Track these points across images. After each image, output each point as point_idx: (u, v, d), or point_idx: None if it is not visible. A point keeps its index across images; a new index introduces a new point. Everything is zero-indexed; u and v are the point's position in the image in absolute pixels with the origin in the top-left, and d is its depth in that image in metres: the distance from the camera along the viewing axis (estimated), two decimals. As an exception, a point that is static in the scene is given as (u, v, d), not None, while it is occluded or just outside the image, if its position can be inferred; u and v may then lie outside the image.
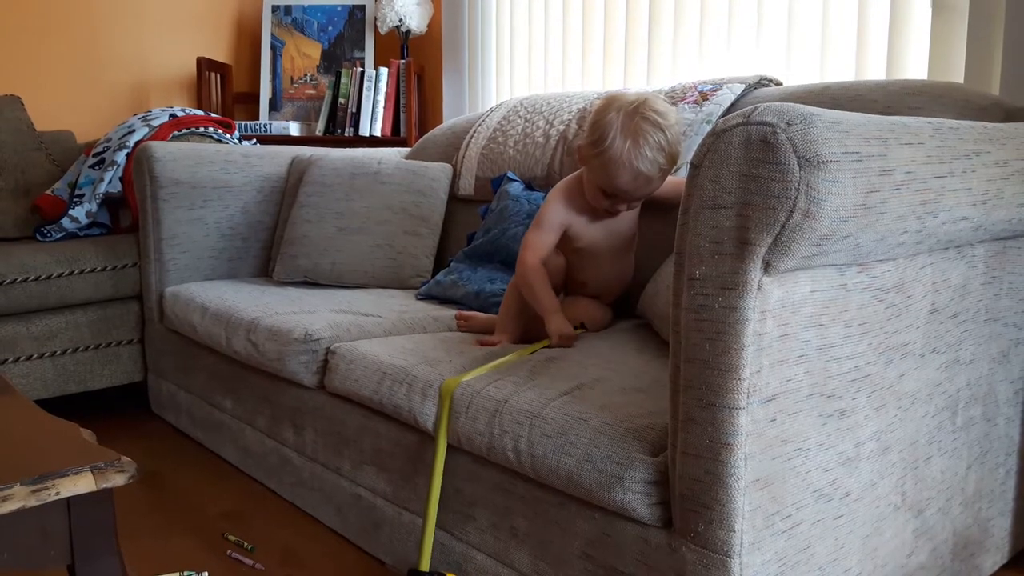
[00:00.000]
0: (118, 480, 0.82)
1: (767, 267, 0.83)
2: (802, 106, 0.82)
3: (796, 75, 1.99)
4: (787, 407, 0.89)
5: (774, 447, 0.88)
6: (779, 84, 1.81)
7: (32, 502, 0.77)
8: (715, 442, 0.86)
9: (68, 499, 0.81)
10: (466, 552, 1.24)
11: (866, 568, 1.04)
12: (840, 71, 1.92)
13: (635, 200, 1.47)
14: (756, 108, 0.83)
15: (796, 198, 0.79)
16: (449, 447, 1.26)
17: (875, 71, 1.85)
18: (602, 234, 1.55)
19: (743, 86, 1.76)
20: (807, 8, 1.96)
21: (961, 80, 1.68)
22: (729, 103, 1.73)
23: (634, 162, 1.37)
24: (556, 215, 1.52)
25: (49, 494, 0.78)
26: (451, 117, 2.92)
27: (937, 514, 1.16)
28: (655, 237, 1.72)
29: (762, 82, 1.79)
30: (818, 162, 0.79)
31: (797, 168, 0.79)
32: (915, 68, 1.79)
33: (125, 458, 0.83)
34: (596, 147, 1.39)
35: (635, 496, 0.96)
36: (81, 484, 0.80)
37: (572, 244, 1.55)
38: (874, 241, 0.89)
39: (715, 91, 1.76)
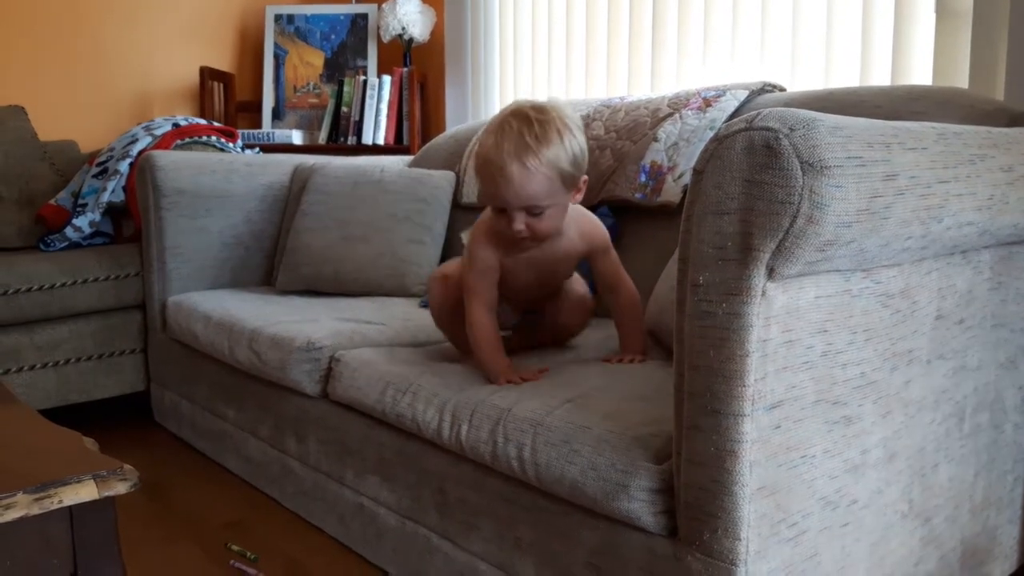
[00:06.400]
0: (120, 488, 0.81)
1: (771, 273, 0.82)
2: (805, 111, 0.82)
3: (800, 81, 1.99)
4: (792, 414, 0.88)
5: (779, 454, 0.88)
6: (783, 90, 1.81)
7: (34, 510, 0.77)
8: (720, 449, 0.85)
9: (71, 508, 0.80)
10: (470, 562, 1.24)
11: (873, 576, 1.03)
12: (844, 77, 1.92)
13: (520, 210, 1.21)
14: (759, 114, 0.82)
15: (799, 203, 0.78)
16: (453, 456, 1.25)
17: (879, 77, 1.85)
18: (534, 270, 1.35)
19: (746, 92, 1.76)
20: (811, 14, 1.96)
21: (965, 85, 1.68)
22: (732, 109, 1.73)
23: (492, 156, 1.17)
24: (485, 257, 1.31)
25: (51, 502, 0.78)
26: (454, 125, 2.93)
27: (945, 522, 1.15)
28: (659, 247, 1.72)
29: (766, 88, 1.79)
30: (821, 167, 0.78)
31: (800, 173, 0.78)
32: (919, 74, 1.79)
33: (127, 466, 0.83)
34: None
35: (640, 505, 0.95)
36: (83, 492, 0.79)
37: (508, 282, 1.35)
38: (878, 246, 0.88)
39: (718, 97, 1.76)
